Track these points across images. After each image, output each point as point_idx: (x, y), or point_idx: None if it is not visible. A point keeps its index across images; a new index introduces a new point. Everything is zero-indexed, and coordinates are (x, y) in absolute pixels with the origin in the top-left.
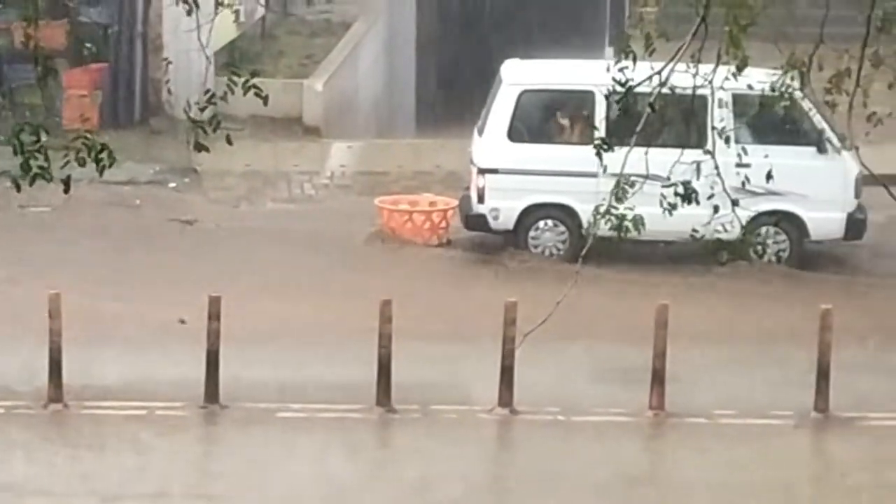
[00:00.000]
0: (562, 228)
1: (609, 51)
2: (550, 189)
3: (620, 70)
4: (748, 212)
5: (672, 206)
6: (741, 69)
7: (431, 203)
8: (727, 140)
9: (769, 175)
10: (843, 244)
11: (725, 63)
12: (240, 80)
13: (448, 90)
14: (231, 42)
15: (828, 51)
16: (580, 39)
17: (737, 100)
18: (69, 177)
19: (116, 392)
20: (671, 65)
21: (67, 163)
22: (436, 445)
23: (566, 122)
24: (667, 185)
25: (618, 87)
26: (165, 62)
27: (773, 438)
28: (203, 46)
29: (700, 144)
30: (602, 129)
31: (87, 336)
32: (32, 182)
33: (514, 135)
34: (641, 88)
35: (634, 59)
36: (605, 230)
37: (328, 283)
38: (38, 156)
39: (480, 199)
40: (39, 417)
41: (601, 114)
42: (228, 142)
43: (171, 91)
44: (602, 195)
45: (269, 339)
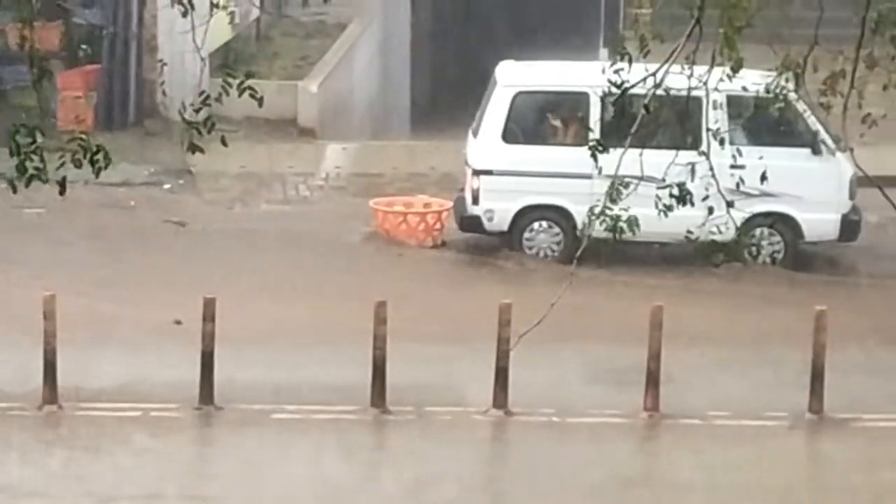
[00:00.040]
0: (556, 230)
1: (603, 52)
2: (545, 190)
3: (616, 72)
4: (743, 213)
5: (668, 208)
6: (736, 71)
7: (426, 204)
8: (722, 141)
9: (764, 176)
10: (838, 245)
11: (720, 64)
12: (235, 82)
13: (443, 92)
14: (226, 43)
15: (822, 52)
16: (575, 41)
17: (731, 101)
18: (65, 178)
19: (111, 393)
20: (666, 66)
21: (63, 164)
22: (430, 447)
23: (561, 124)
24: (662, 187)
25: (613, 89)
26: (160, 64)
27: (768, 440)
28: (198, 48)
29: (695, 146)
30: (597, 131)
31: (82, 337)
32: (28, 183)
33: (509, 136)
34: (636, 90)
35: (630, 61)
36: (600, 231)
37: (323, 285)
38: (34, 157)
39: (475, 201)
40: (34, 419)
41: (596, 115)
42: (223, 143)
43: (167, 93)
44: (596, 196)
45: (264, 341)
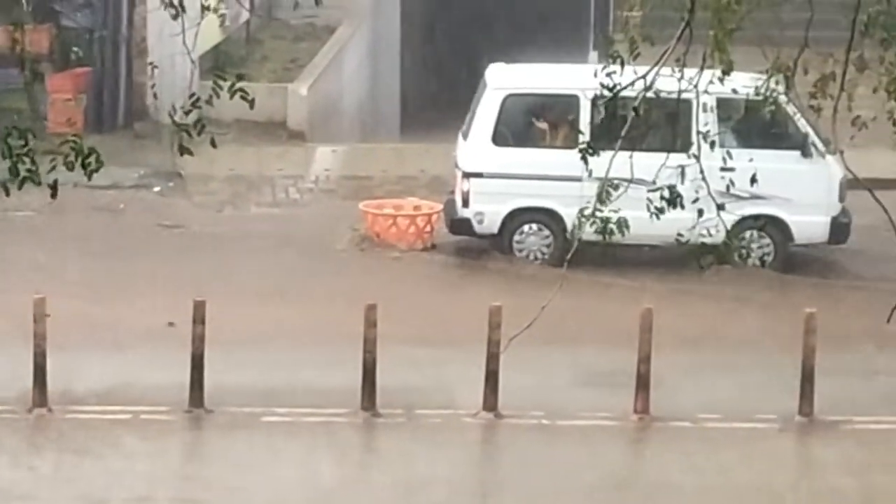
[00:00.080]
0: (546, 232)
1: (593, 55)
2: (535, 193)
3: (608, 75)
4: (733, 216)
5: (659, 211)
6: (726, 73)
7: (416, 207)
8: (712, 144)
9: (754, 179)
10: (828, 248)
11: (710, 67)
12: (226, 84)
13: (432, 94)
14: (215, 46)
15: (812, 55)
16: (564, 43)
17: (722, 104)
18: (56, 181)
19: (101, 396)
20: (656, 69)
21: (55, 167)
22: (420, 449)
23: (547, 127)
24: (653, 190)
25: (605, 92)
26: (151, 66)
27: (758, 442)
28: (189, 51)
29: (685, 148)
30: (587, 133)
31: (72, 340)
32: (21, 186)
33: (499, 139)
34: (626, 93)
35: (622, 64)
36: (590, 233)
37: (313, 288)
38: (27, 160)
39: (465, 203)
40: (24, 422)
41: (586, 118)
42: (212, 144)
43: (157, 95)
44: (586, 199)
45: (254, 344)
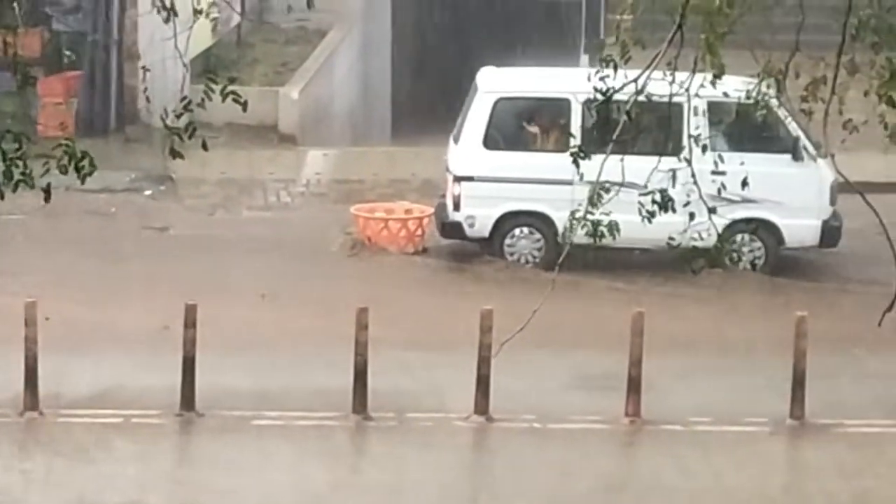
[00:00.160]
0: (537, 236)
1: (584, 58)
2: (526, 197)
3: (601, 79)
4: (724, 219)
5: (650, 215)
6: (718, 77)
7: (407, 211)
8: (703, 148)
9: (745, 182)
10: (819, 251)
11: (702, 71)
12: (217, 87)
13: (423, 98)
14: (207, 50)
15: (804, 59)
16: (556, 47)
17: (713, 107)
18: (49, 185)
19: (92, 400)
20: (647, 73)
21: (48, 170)
22: (411, 453)
23: (538, 130)
24: (644, 193)
25: (597, 96)
26: (143, 70)
27: (749, 445)
28: (181, 54)
29: (676, 152)
30: (578, 137)
31: (64, 343)
32: (15, 189)
33: (490, 142)
34: (618, 96)
35: (615, 68)
36: (582, 237)
37: (304, 291)
38: (20, 163)
39: (456, 207)
40: (15, 425)
41: (577, 121)
42: (204, 147)
43: (149, 99)
44: (578, 202)
45: (246, 347)
